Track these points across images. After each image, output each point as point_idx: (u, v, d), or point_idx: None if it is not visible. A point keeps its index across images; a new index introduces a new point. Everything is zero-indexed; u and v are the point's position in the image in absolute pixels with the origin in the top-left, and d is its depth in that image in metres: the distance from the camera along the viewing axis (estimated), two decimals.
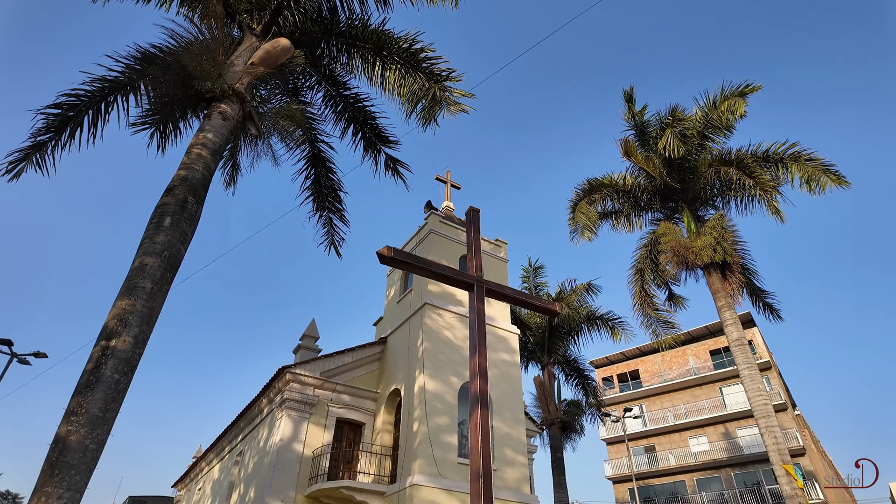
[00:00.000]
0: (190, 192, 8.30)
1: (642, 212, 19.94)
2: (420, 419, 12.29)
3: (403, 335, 14.82)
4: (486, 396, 6.86)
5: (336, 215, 13.60)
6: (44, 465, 5.76)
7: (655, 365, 42.17)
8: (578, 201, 19.10)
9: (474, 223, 8.87)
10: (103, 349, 6.51)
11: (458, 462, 12.23)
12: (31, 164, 10.24)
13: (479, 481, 6.06)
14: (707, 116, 17.40)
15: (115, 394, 6.38)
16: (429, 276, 7.87)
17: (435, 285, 14.94)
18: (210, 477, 19.03)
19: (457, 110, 10.59)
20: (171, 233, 7.76)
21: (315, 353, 15.11)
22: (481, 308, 7.62)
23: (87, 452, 5.95)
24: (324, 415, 13.92)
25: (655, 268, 18.98)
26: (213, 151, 9.06)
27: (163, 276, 7.44)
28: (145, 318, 6.99)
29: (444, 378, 13.20)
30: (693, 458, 35.98)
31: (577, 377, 24.15)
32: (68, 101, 10.48)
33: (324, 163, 13.56)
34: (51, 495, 5.55)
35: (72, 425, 5.96)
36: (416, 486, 11.25)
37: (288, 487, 12.47)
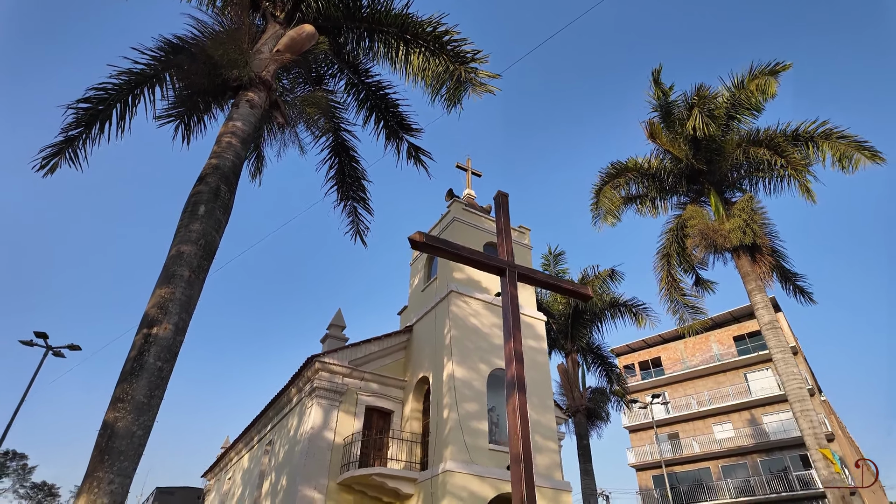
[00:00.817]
0: (222, 181, 8.30)
1: (667, 195, 19.60)
2: (450, 406, 12.27)
3: (429, 323, 14.79)
4: (523, 381, 6.77)
5: (360, 204, 13.56)
6: (93, 450, 5.83)
7: (678, 352, 41.74)
8: (602, 186, 18.83)
9: (503, 207, 8.74)
10: (145, 337, 6.55)
11: (490, 448, 12.20)
12: (64, 158, 10.35)
13: (520, 465, 5.99)
14: (734, 97, 17.02)
15: (159, 380, 6.43)
16: (460, 262, 7.79)
17: (460, 272, 14.87)
18: (240, 466, 19.30)
19: (482, 91, 10.43)
20: (206, 221, 7.77)
21: (342, 342, 15.17)
22: (514, 292, 7.52)
23: (135, 438, 6.01)
24: (353, 403, 13.98)
25: (682, 252, 18.68)
26: (243, 140, 9.05)
27: (199, 265, 7.45)
28: (184, 306, 7.02)
29: (472, 365, 13.15)
30: (718, 444, 35.64)
31: (601, 365, 23.97)
32: (97, 94, 10.54)
33: (347, 152, 13.51)
34: (102, 480, 5.61)
35: (118, 412, 6.01)
36: (449, 472, 11.25)
37: (320, 475, 12.57)
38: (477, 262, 7.61)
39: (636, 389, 40.48)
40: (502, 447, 12.48)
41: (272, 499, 14.20)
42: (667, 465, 37.83)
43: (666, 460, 37.73)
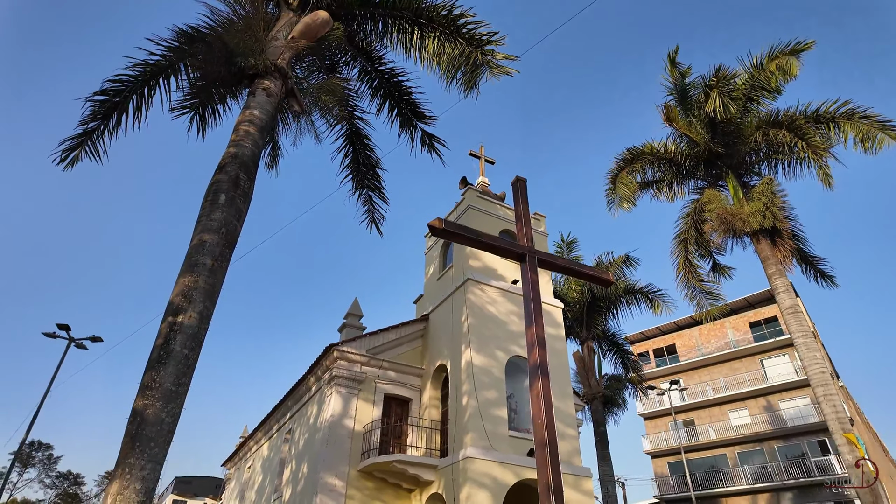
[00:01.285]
0: (241, 169, 8.29)
1: (684, 179, 19.35)
2: (469, 393, 12.27)
3: (446, 311, 14.77)
4: (546, 367, 6.72)
5: (375, 193, 13.51)
6: (124, 437, 5.88)
7: (692, 339, 41.46)
8: (619, 171, 18.61)
9: (522, 192, 8.65)
10: (171, 325, 6.58)
11: (510, 435, 12.21)
12: (84, 151, 10.37)
13: (546, 450, 5.95)
14: (753, 78, 16.68)
15: (185, 368, 6.46)
16: (480, 248, 7.71)
17: (476, 260, 14.80)
18: (259, 455, 19.53)
19: (500, 73, 10.28)
20: (227, 209, 7.77)
21: (360, 330, 15.21)
22: (535, 278, 7.45)
23: (164, 425, 6.05)
24: (372, 391, 14.04)
25: (700, 237, 18.47)
26: (261, 128, 9.02)
27: (222, 253, 7.46)
28: (208, 294, 7.04)
29: (490, 352, 13.13)
30: (734, 431, 35.45)
31: (617, 352, 23.87)
32: (113, 87, 10.53)
33: (361, 140, 13.45)
34: (133, 467, 5.66)
35: (147, 399, 6.05)
36: (470, 458, 11.27)
37: (341, 462, 12.66)
38: (497, 248, 7.55)
39: (651, 377, 40.31)
40: (522, 434, 12.49)
41: (293, 486, 14.35)
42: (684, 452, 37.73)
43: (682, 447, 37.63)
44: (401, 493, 13.02)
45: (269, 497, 16.30)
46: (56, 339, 15.63)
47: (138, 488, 5.58)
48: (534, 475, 11.88)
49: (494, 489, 11.16)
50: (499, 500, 11.10)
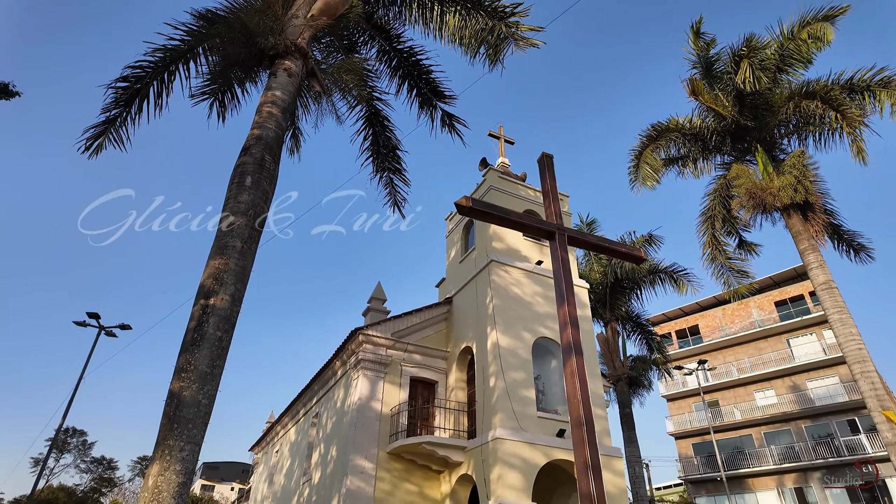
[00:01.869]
0: (266, 151, 8.20)
1: (710, 155, 18.86)
2: (496, 374, 12.18)
3: (470, 294, 14.65)
4: (580, 345, 6.55)
5: (396, 175, 13.37)
6: (162, 419, 5.89)
7: (716, 319, 40.86)
8: (643, 149, 18.18)
9: (548, 169, 8.42)
10: (203, 308, 6.55)
11: (538, 416, 12.11)
12: (108, 139, 10.39)
13: (582, 428, 5.82)
14: (783, 47, 16.07)
15: (219, 350, 6.44)
16: (508, 226, 7.54)
17: (499, 242, 14.62)
18: (287, 439, 19.78)
19: (526, 45, 9.97)
20: (254, 192, 7.69)
21: (384, 314, 15.20)
22: (565, 256, 7.28)
23: (201, 407, 6.05)
24: (398, 374, 14.04)
25: (727, 214, 18.03)
26: (283, 109, 8.90)
27: (251, 235, 7.41)
28: (239, 276, 6.99)
29: (516, 334, 13.00)
30: (760, 411, 35.01)
31: (640, 333, 23.60)
32: (134, 73, 10.50)
33: (381, 122, 13.28)
34: (173, 448, 5.67)
35: (183, 381, 6.05)
36: (499, 439, 11.21)
37: (370, 444, 12.72)
38: (525, 226, 7.37)
39: (674, 358, 39.84)
40: (550, 414, 12.39)
41: (322, 469, 14.49)
42: (707, 433, 37.40)
43: (706, 428, 37.29)
44: (429, 475, 13.07)
45: (299, 480, 16.51)
46: (86, 327, 15.93)
47: (178, 469, 5.59)
48: (564, 456, 11.81)
49: (525, 469, 11.10)
50: (529, 480, 11.05)
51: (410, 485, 12.75)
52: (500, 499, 10.53)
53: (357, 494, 11.99)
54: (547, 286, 14.40)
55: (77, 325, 15.86)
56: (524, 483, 10.96)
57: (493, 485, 10.86)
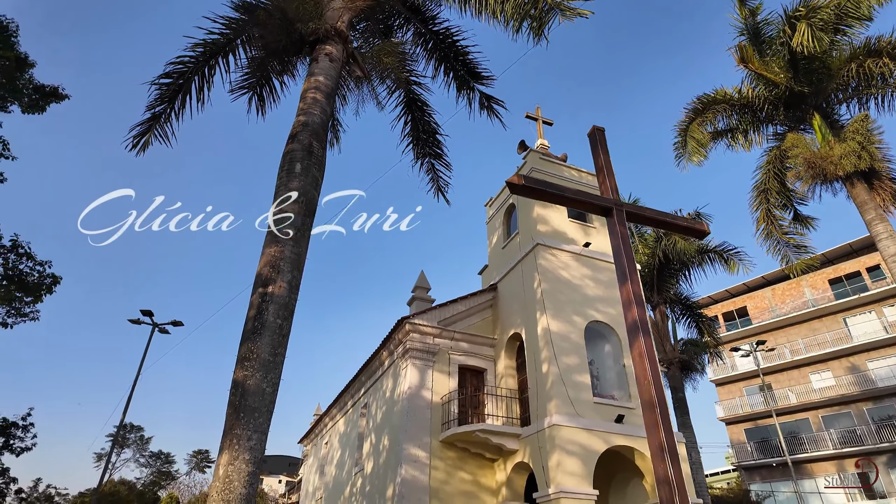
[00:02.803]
0: (313, 137, 8.08)
1: (762, 125, 17.93)
2: (548, 360, 11.86)
3: (515, 279, 14.34)
4: (647, 324, 6.20)
5: (437, 160, 13.13)
6: (228, 409, 5.84)
7: (765, 300, 39.31)
8: (690, 122, 17.41)
9: (601, 143, 8.03)
10: (261, 296, 6.48)
11: (595, 401, 11.75)
12: (154, 135, 10.48)
13: (655, 411, 5.46)
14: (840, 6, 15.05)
15: (280, 338, 6.36)
16: (562, 203, 7.22)
17: (544, 225, 14.22)
18: (336, 430, 19.95)
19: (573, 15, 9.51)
20: (304, 178, 7.59)
21: (429, 303, 15.04)
22: (624, 232, 6.91)
23: (266, 395, 5.97)
24: (446, 362, 13.88)
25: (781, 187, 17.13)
26: (327, 94, 8.77)
27: (303, 222, 7.31)
28: (295, 264, 6.90)
29: (566, 318, 12.63)
30: (817, 394, 33.54)
31: (690, 316, 22.81)
32: (176, 69, 10.56)
33: (420, 107, 13.04)
34: (241, 437, 5.61)
35: (247, 370, 5.98)
36: (556, 426, 10.91)
37: (422, 433, 12.61)
38: (581, 203, 7.04)
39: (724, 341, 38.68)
40: (607, 400, 12.00)
41: (375, 458, 14.49)
42: (761, 418, 36.15)
43: (760, 413, 36.04)
44: (483, 463, 12.88)
45: (351, 470, 16.60)
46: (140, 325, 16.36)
47: (247, 458, 5.53)
48: (624, 442, 11.43)
49: (584, 456, 10.78)
50: (589, 467, 10.72)
51: (465, 473, 12.60)
52: (561, 486, 10.25)
53: (412, 483, 11.91)
54: (596, 268, 13.96)
55: (132, 322, 16.32)
56: (584, 470, 10.64)
57: (552, 472, 10.59)
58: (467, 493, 12.41)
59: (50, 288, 10.17)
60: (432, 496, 11.97)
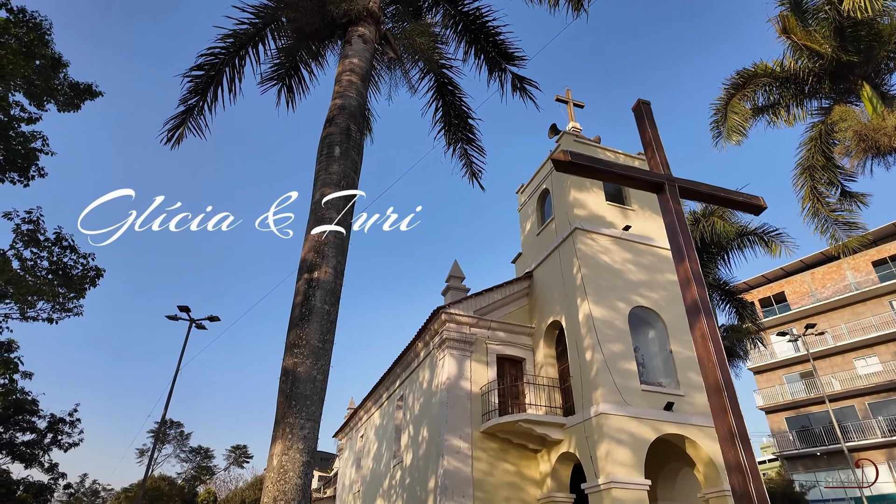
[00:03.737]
0: (350, 120, 7.86)
1: (805, 99, 17.11)
2: (592, 347, 11.48)
3: (553, 266, 13.96)
4: (707, 304, 5.81)
5: (470, 145, 12.83)
6: (279, 397, 5.67)
7: (804, 284, 37.98)
8: (729, 98, 16.71)
9: (647, 116, 7.58)
10: (307, 282, 6.29)
11: (642, 389, 11.33)
12: (188, 128, 10.42)
13: (722, 394, 5.07)
14: None
15: (328, 324, 6.16)
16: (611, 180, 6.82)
17: (581, 209, 13.79)
18: (371, 423, 19.88)
19: None
20: (343, 162, 7.37)
21: (464, 292, 14.76)
22: (678, 208, 6.51)
23: (317, 383, 5.78)
24: (484, 352, 13.61)
25: (827, 163, 16.34)
26: (362, 77, 8.54)
27: (345, 206, 7.09)
28: (339, 249, 6.69)
29: (609, 304, 12.22)
30: (863, 380, 32.27)
31: (730, 301, 22.05)
32: (207, 60, 10.48)
33: (451, 91, 12.75)
34: (293, 426, 5.42)
35: (296, 357, 5.80)
36: (604, 414, 10.54)
37: (463, 424, 12.37)
38: (631, 179, 6.64)
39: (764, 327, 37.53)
40: (654, 387, 11.57)
41: (414, 450, 14.33)
42: (802, 406, 35.02)
43: (801, 400, 34.91)
44: (526, 454, 12.59)
45: (389, 462, 16.49)
46: (178, 321, 16.52)
47: (301, 448, 5.34)
48: (675, 430, 11.00)
49: (634, 445, 10.40)
50: (640, 456, 10.34)
51: (507, 464, 12.33)
52: (611, 476, 9.90)
53: (455, 475, 11.69)
54: (637, 252, 13.48)
55: (169, 318, 16.49)
56: (634, 459, 10.26)
57: (602, 462, 10.23)
58: (511, 484, 12.14)
59: (94, 281, 10.24)
60: (476, 487, 11.74)
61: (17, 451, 17.36)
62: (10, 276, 8.86)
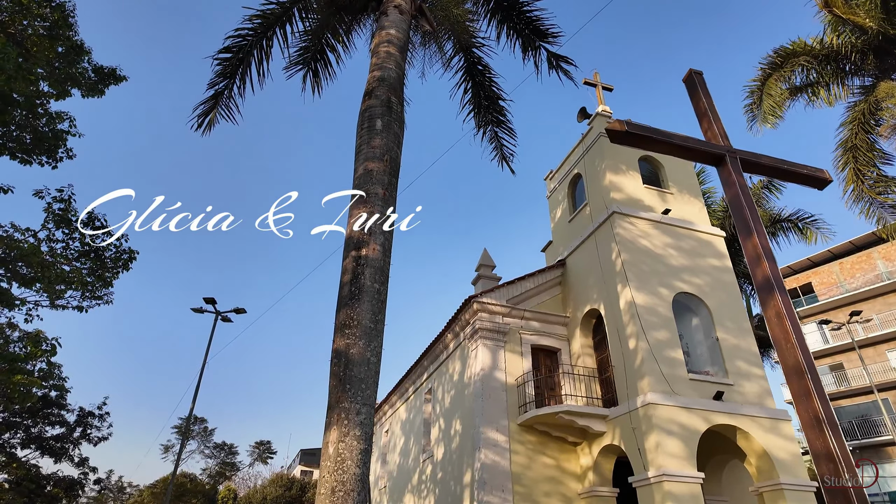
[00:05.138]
0: (391, 92, 7.44)
1: (846, 77, 16.39)
2: (636, 335, 10.97)
3: (588, 252, 13.45)
4: (781, 280, 5.30)
5: (500, 127, 12.38)
6: (331, 381, 5.26)
7: (832, 275, 36.96)
8: (765, 79, 16.06)
9: (701, 86, 7.11)
10: (355, 259, 5.87)
11: (690, 378, 10.80)
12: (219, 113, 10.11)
13: (805, 377, 4.58)
14: None
15: (379, 304, 5.74)
16: (669, 151, 6.35)
17: (618, 192, 13.25)
18: (397, 418, 19.51)
19: None
20: (385, 135, 6.95)
21: (495, 281, 14.31)
22: (742, 181, 6.07)
23: (371, 365, 5.36)
24: (518, 342, 13.15)
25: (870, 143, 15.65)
26: (400, 48, 8.12)
27: (390, 182, 6.67)
28: None
29: (652, 290, 11.69)
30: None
31: None
32: (235, 43, 10.19)
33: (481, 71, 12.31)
34: (349, 411, 5.01)
35: (348, 338, 5.38)
36: (652, 404, 10.04)
37: (499, 416, 11.93)
38: (690, 150, 6.24)
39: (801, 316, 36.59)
40: (702, 376, 11.04)
41: (446, 444, 13.92)
42: (832, 399, 34.07)
43: (832, 394, 33.98)
44: (565, 447, 12.12)
45: (418, 457, 16.10)
46: (203, 313, 16.24)
47: (358, 434, 4.93)
48: (725, 420, 10.46)
49: (685, 437, 9.88)
50: (692, 448, 9.83)
51: (546, 458, 11.87)
52: (662, 468, 9.39)
53: (492, 468, 11.26)
54: (677, 237, 12.93)
55: (194, 311, 16.23)
56: (686, 451, 9.75)
57: (651, 454, 9.73)
58: (551, 478, 11.68)
59: (126, 264, 9.94)
60: (514, 481, 11.30)
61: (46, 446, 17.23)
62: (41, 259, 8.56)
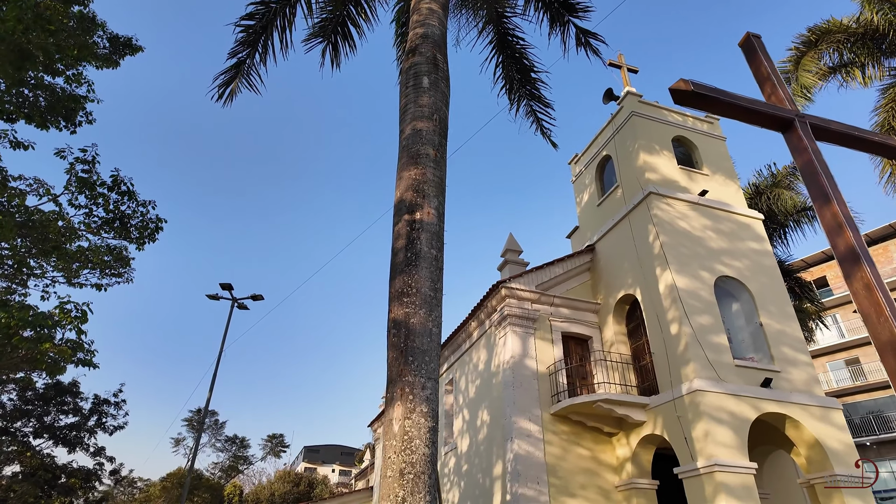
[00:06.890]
0: (436, 49, 6.88)
1: (882, 57, 15.80)
2: (678, 320, 10.44)
3: (621, 236, 12.92)
4: (867, 250, 4.72)
5: (535, 101, 11.85)
6: (390, 352, 4.73)
7: None
8: (799, 58, 15.47)
9: (761, 49, 6.49)
10: (409, 223, 5.33)
11: (736, 364, 10.27)
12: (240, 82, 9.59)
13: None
14: None
15: (437, 271, 5.20)
16: (734, 115, 5.71)
17: (653, 172, 12.70)
18: None
19: None
20: (433, 93, 6.39)
21: (522, 266, 13.76)
22: (815, 147, 5.38)
23: (433, 336, 4.82)
24: (548, 330, 12.62)
25: None
26: (442, 4, 7.57)
27: (440, 143, 6.12)
28: (439, 188, 5.72)
29: (693, 273, 11.16)
30: None
31: (787, 280, 20.80)
32: (258, 9, 9.69)
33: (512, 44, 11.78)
34: (414, 385, 4.47)
35: (407, 307, 4.84)
36: (699, 391, 9.51)
37: (532, 406, 11.41)
38: (757, 114, 5.62)
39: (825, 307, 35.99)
40: (748, 363, 10.50)
41: (472, 435, 13.40)
42: (848, 394, 33.55)
43: (845, 389, 33.47)
44: (600, 438, 11.60)
45: (440, 449, 15.59)
46: (219, 300, 15.71)
47: (425, 411, 4.40)
48: (775, 408, 9.93)
49: (735, 425, 9.35)
50: (742, 437, 9.30)
51: (582, 449, 11.34)
52: (713, 458, 8.87)
53: (526, 460, 10.74)
54: (715, 219, 12.39)
55: (210, 298, 15.70)
56: (737, 440, 9.22)
57: (700, 443, 9.21)
58: (586, 470, 11.16)
59: (153, 235, 9.36)
60: (549, 473, 10.78)
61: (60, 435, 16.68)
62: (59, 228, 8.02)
